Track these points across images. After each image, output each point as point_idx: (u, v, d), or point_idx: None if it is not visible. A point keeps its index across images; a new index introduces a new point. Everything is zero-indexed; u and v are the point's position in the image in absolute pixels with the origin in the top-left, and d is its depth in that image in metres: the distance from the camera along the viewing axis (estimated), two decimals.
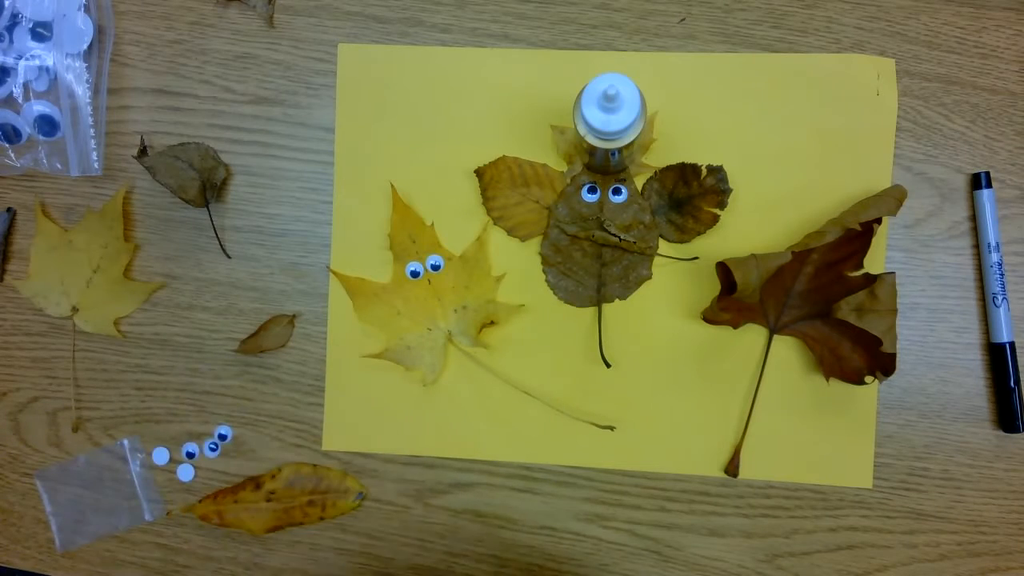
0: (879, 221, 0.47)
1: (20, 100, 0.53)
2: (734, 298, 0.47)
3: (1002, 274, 0.49)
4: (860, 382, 0.47)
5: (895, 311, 0.47)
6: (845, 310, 0.48)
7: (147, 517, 0.54)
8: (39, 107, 0.53)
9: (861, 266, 0.48)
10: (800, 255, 0.47)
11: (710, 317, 0.50)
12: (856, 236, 0.47)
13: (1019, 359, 0.49)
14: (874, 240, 0.49)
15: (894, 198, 0.48)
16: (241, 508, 0.53)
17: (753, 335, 0.50)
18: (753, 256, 0.47)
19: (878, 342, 0.46)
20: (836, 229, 0.46)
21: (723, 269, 0.48)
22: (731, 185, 0.50)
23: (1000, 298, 0.49)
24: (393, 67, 0.53)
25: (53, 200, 0.55)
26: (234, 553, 0.54)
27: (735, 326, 0.50)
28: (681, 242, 0.51)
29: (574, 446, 0.51)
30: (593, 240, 0.50)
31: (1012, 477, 0.49)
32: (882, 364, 0.46)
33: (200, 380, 0.54)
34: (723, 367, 0.50)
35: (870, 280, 0.47)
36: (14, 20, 0.53)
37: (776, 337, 0.50)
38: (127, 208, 0.55)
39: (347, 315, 0.53)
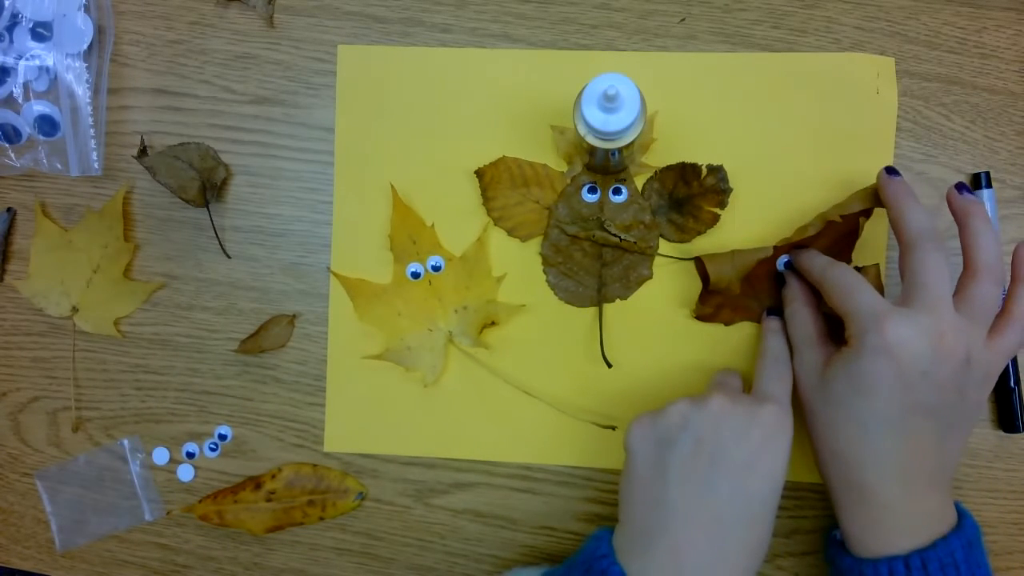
0: (867, 214, 0.47)
1: (20, 100, 0.53)
2: (712, 292, 0.48)
3: None
4: None
5: None
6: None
7: (147, 517, 0.54)
8: (39, 107, 0.53)
9: (850, 260, 0.48)
10: (782, 249, 0.48)
11: (700, 314, 0.50)
12: (845, 230, 0.47)
13: (1019, 359, 0.49)
14: (874, 240, 0.49)
15: None
16: (241, 508, 0.53)
17: (753, 333, 0.50)
18: (731, 251, 0.47)
19: None
20: (819, 222, 0.47)
21: (701, 264, 0.48)
22: (731, 185, 0.50)
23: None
24: (393, 68, 0.53)
25: (53, 200, 0.55)
26: (234, 553, 0.54)
27: (727, 323, 0.50)
28: (681, 242, 0.51)
29: (575, 446, 0.51)
30: (593, 240, 0.50)
31: (1012, 477, 0.49)
32: None
33: (200, 380, 0.54)
34: (724, 366, 0.50)
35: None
36: (14, 20, 0.53)
37: None
38: (127, 208, 0.55)
39: (347, 316, 0.53)
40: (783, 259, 0.48)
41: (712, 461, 0.40)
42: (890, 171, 0.45)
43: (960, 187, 0.43)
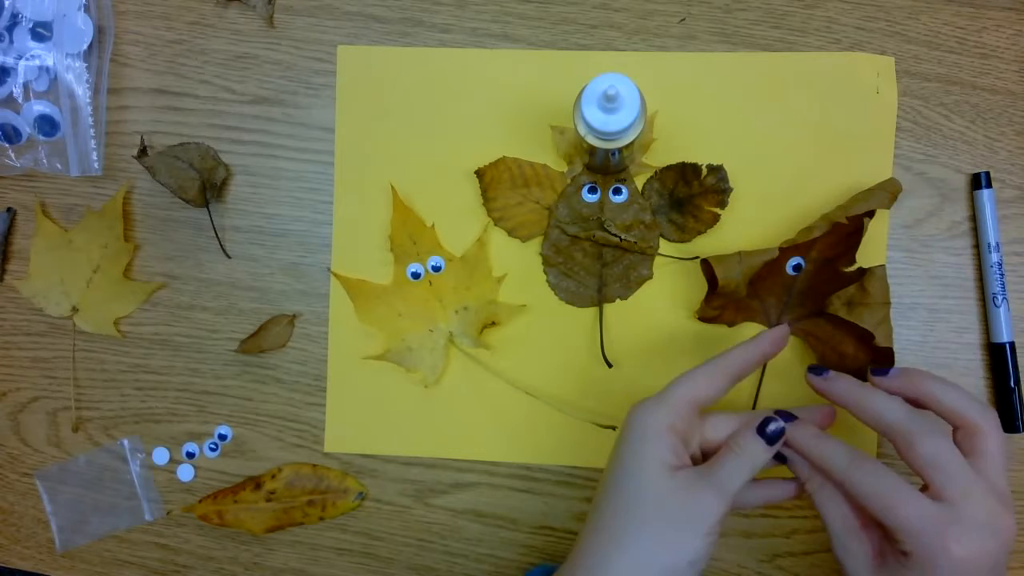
0: (871, 215, 0.47)
1: (20, 100, 0.53)
2: (719, 294, 0.47)
3: (1002, 274, 0.49)
4: (863, 380, 0.47)
5: (887, 304, 0.47)
6: (836, 304, 0.48)
7: (147, 517, 0.54)
8: (39, 107, 0.53)
9: (854, 261, 0.48)
10: (787, 250, 0.47)
11: (703, 315, 0.50)
12: (850, 231, 0.47)
13: (1019, 359, 0.49)
14: (875, 240, 0.49)
15: (887, 191, 0.48)
16: (241, 508, 0.53)
17: (755, 334, 0.50)
18: (738, 253, 0.47)
19: (869, 335, 0.46)
20: (824, 224, 0.47)
21: (707, 266, 0.48)
22: (731, 184, 0.50)
23: (1000, 298, 0.49)
24: (392, 68, 0.53)
25: (53, 200, 0.55)
26: (234, 553, 0.54)
27: (731, 324, 0.50)
28: (682, 241, 0.51)
29: (575, 446, 0.51)
30: (594, 240, 0.50)
31: (1012, 477, 0.49)
32: (879, 359, 0.46)
33: (200, 380, 0.54)
34: None
35: (864, 274, 0.48)
36: (14, 20, 0.53)
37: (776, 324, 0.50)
38: (127, 208, 0.55)
39: (348, 316, 0.53)
40: (793, 261, 0.48)
41: None
42: (815, 371, 0.42)
43: (877, 372, 0.41)
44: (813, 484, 0.41)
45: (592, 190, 0.51)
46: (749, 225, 0.50)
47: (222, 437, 0.54)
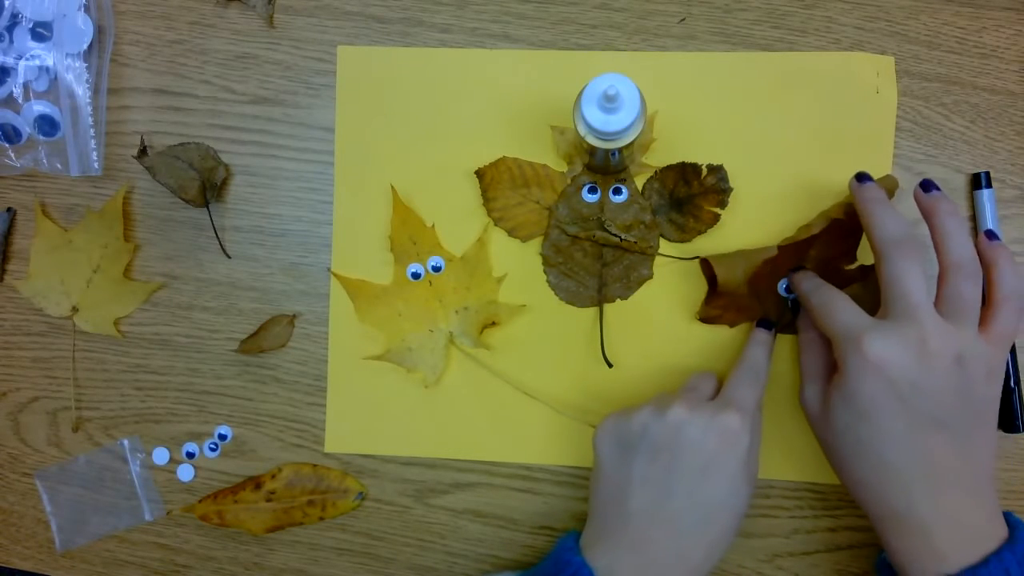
0: None
1: (20, 100, 0.53)
2: (720, 293, 0.48)
3: None
4: None
5: None
6: None
7: (147, 517, 0.54)
8: (39, 107, 0.53)
9: (855, 259, 0.48)
10: (786, 249, 0.47)
11: (704, 316, 0.50)
12: (849, 229, 0.47)
13: (1019, 359, 0.49)
14: None
15: (884, 188, 0.48)
16: (241, 508, 0.53)
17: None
18: (739, 252, 0.47)
19: None
20: (822, 220, 0.47)
21: (707, 266, 0.48)
22: (732, 184, 0.50)
23: None
24: (393, 68, 0.53)
25: (53, 200, 0.55)
26: (234, 553, 0.54)
27: (732, 325, 0.50)
28: (682, 241, 0.51)
29: (575, 446, 0.51)
30: (594, 240, 0.50)
31: (1012, 477, 0.49)
32: None
33: (200, 380, 0.54)
34: (725, 367, 0.50)
35: (866, 273, 0.48)
36: (14, 20, 0.53)
37: (778, 336, 0.50)
38: (127, 208, 0.55)
39: (348, 316, 0.53)
40: (783, 283, 0.49)
41: (668, 468, 0.41)
42: (860, 177, 0.45)
43: (926, 185, 0.43)
44: (802, 336, 0.47)
45: (592, 190, 0.51)
46: (749, 225, 0.50)
47: (222, 437, 0.54)
